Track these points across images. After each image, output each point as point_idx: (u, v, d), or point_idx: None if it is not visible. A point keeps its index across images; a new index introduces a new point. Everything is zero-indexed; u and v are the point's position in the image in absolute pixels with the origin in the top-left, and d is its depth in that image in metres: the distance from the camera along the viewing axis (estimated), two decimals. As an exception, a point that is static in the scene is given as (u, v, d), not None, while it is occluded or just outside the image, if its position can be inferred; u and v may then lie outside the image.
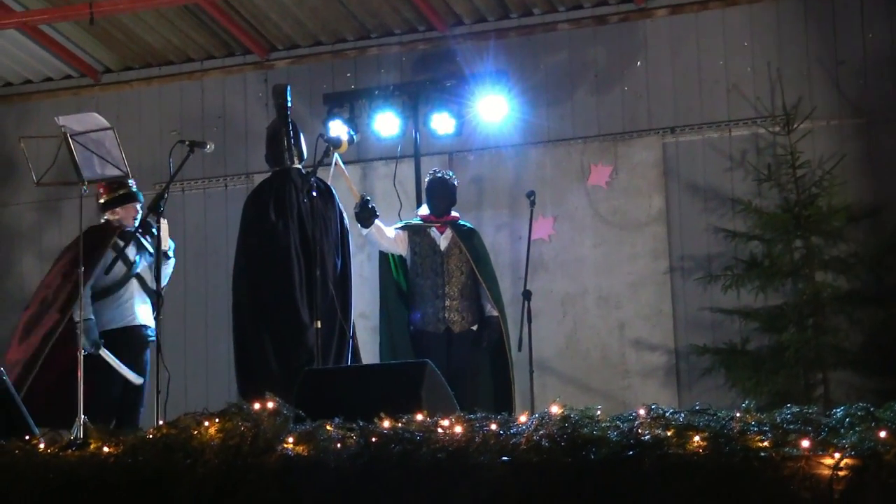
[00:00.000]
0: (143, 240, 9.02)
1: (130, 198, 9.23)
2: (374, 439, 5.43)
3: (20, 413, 7.05)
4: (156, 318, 8.30)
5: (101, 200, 9.24)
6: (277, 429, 5.68)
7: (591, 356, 11.14)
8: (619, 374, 11.02)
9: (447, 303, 9.34)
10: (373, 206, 9.14)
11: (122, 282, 8.95)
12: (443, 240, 9.44)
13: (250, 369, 8.43)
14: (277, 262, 8.49)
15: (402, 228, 9.52)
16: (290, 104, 8.84)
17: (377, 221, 9.21)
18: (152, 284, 8.68)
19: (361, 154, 11.69)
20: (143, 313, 8.96)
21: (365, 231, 9.23)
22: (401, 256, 9.52)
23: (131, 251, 8.99)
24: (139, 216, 9.13)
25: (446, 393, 6.75)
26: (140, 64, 12.71)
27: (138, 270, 9.00)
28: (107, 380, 8.59)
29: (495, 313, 9.39)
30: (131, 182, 9.31)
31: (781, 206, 10.38)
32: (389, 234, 9.38)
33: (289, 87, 8.90)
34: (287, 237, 8.50)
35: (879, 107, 10.69)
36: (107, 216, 9.23)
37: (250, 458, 5.56)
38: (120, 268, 8.90)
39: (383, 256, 9.61)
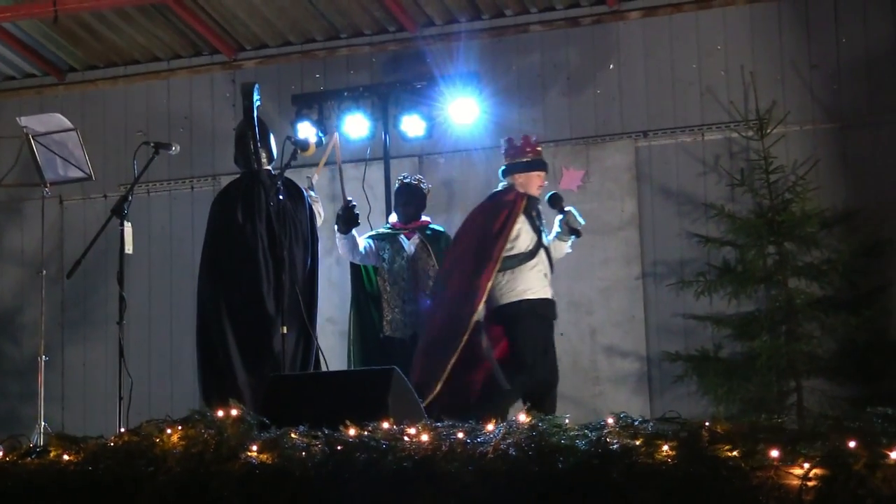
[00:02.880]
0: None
1: (534, 165, 8.99)
2: (339, 447, 5.40)
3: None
4: (119, 323, 8.17)
5: (504, 164, 9.04)
6: (241, 436, 5.65)
7: (561, 362, 10.90)
8: (591, 381, 10.96)
9: (414, 308, 9.28)
10: (356, 214, 9.05)
11: (535, 251, 8.81)
12: (410, 245, 9.38)
13: (215, 375, 8.30)
14: (245, 265, 8.37)
15: (372, 238, 9.45)
16: (257, 104, 8.70)
17: (353, 231, 9.14)
18: (555, 257, 8.84)
19: (330, 156, 11.56)
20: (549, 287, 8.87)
21: (339, 236, 9.15)
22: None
23: (537, 221, 8.88)
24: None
25: (413, 400, 6.69)
26: (105, 63, 12.60)
27: (545, 243, 8.88)
28: None
29: None
30: (540, 148, 9.07)
31: (755, 212, 10.35)
32: (361, 245, 9.31)
33: (256, 87, 8.77)
34: (255, 240, 8.38)
35: (853, 111, 10.67)
36: (508, 180, 9.02)
37: (213, 466, 5.50)
38: (531, 237, 8.78)
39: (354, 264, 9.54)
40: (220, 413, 5.75)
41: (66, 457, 5.84)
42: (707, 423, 5.15)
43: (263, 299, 8.29)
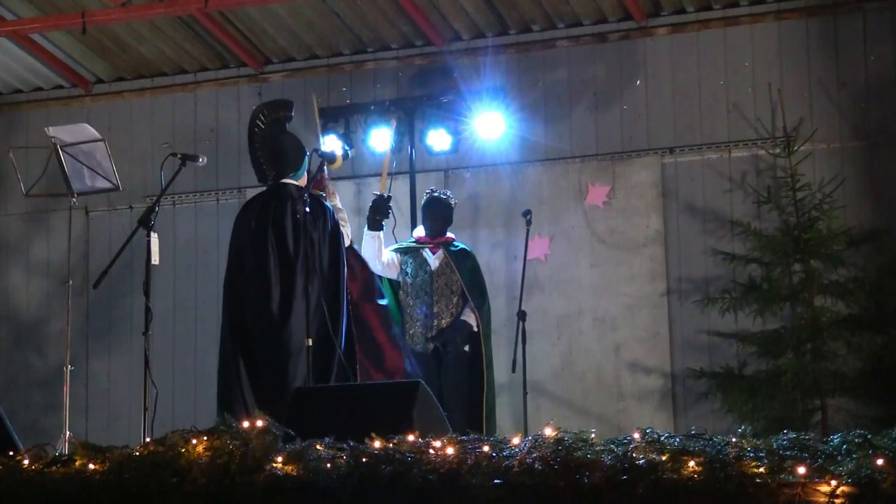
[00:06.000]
0: None
1: None
2: (364, 459, 5.35)
3: (4, 428, 6.91)
4: (144, 334, 8.15)
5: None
6: (266, 448, 5.60)
7: (586, 378, 11.03)
8: (615, 397, 10.92)
9: (436, 322, 9.27)
10: (389, 207, 9.06)
11: None
12: (434, 260, 9.37)
13: (223, 390, 8.27)
14: (255, 277, 8.32)
15: (396, 251, 9.44)
16: (260, 124, 8.70)
17: (381, 237, 9.13)
18: None
19: (356, 170, 11.59)
20: None
21: (368, 234, 9.12)
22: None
23: None
24: None
25: (438, 413, 6.67)
26: (132, 75, 12.61)
27: None
28: None
29: (469, 321, 9.29)
30: None
31: (781, 229, 10.30)
32: (385, 256, 9.29)
33: (256, 109, 8.78)
34: (265, 251, 8.31)
35: (881, 130, 10.63)
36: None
37: (238, 477, 5.45)
38: None
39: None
40: (246, 424, 5.71)
41: (91, 466, 5.78)
42: (734, 439, 5.14)
43: (272, 312, 8.22)
